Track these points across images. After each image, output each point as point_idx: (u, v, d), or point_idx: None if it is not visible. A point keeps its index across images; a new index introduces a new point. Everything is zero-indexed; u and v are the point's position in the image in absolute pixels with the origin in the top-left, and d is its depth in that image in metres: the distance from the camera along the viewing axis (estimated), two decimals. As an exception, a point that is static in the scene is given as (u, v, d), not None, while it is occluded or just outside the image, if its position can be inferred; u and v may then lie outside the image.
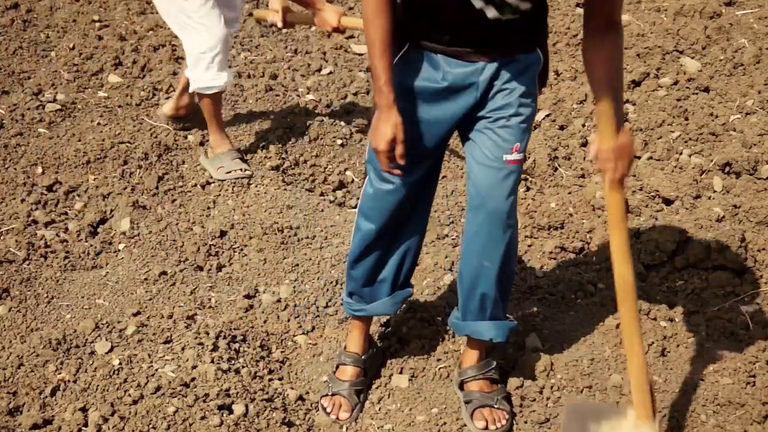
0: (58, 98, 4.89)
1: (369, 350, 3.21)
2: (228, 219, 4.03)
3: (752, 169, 4.03)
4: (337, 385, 3.13)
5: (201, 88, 4.21)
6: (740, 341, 3.26)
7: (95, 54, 5.31)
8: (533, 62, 2.66)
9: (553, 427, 2.99)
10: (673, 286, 3.55)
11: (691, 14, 5.49)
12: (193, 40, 4.10)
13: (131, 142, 4.52)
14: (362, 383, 3.16)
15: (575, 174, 4.26)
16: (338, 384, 3.13)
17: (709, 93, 4.74)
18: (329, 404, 3.10)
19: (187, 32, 4.11)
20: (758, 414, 2.92)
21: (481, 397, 3.01)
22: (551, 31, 5.50)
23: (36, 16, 5.74)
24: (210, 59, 4.12)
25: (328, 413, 3.08)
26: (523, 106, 2.67)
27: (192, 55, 4.14)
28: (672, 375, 3.13)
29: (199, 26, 4.06)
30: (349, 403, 3.10)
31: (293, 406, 3.11)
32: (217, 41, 4.09)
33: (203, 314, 3.48)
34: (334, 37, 5.64)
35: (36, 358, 3.18)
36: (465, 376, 3.07)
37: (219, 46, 4.10)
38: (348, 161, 4.51)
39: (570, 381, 3.13)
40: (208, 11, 4.06)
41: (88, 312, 3.51)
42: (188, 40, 4.13)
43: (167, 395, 2.99)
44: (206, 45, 4.09)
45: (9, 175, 4.26)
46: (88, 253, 3.83)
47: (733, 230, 3.62)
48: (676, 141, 4.34)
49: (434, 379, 3.21)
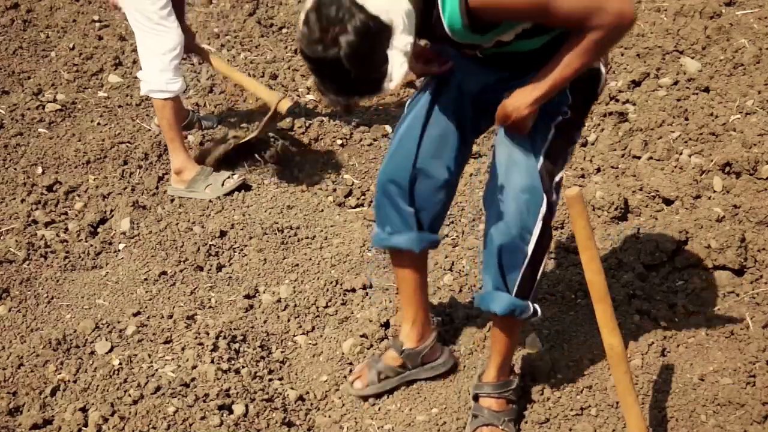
0: (58, 98, 4.89)
1: (418, 345, 3.13)
2: (228, 219, 4.03)
3: (752, 169, 4.03)
4: (375, 360, 3.16)
5: (153, 90, 4.07)
6: (740, 341, 3.26)
7: (95, 54, 5.32)
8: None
9: (553, 427, 2.99)
10: (673, 286, 3.55)
11: (691, 14, 5.49)
12: (153, 41, 3.99)
13: (131, 142, 4.52)
14: (393, 372, 3.14)
15: (575, 174, 4.26)
16: (376, 359, 3.16)
17: (709, 93, 4.74)
18: (356, 370, 3.16)
19: (146, 34, 3.99)
20: (758, 414, 2.92)
21: (489, 416, 2.95)
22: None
23: (36, 16, 5.74)
24: (168, 61, 4.02)
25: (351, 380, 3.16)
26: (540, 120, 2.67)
27: (148, 57, 4.03)
28: (672, 375, 3.13)
29: (159, 27, 3.97)
30: (367, 379, 3.12)
31: (293, 406, 3.11)
32: (176, 44, 4.02)
33: (203, 314, 3.48)
34: (334, 37, 5.64)
35: (36, 358, 3.18)
36: (480, 390, 3.00)
37: (178, 48, 4.03)
38: (348, 161, 4.51)
39: (570, 381, 3.13)
40: (167, 14, 3.98)
41: (88, 312, 3.51)
42: (147, 42, 4.00)
43: (167, 395, 2.99)
44: (165, 46, 4.00)
45: (9, 175, 4.26)
46: (88, 253, 3.83)
47: (733, 230, 3.62)
48: (676, 141, 4.34)
49: (434, 379, 3.21)
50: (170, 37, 4.00)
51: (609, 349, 2.48)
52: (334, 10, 2.09)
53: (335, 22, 2.09)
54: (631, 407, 2.56)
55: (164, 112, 4.11)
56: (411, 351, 3.13)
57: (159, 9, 3.94)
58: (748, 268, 3.56)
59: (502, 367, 2.97)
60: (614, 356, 2.49)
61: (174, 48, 4.01)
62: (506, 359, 2.97)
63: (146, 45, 4.04)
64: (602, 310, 2.44)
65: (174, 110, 4.13)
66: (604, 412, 3.01)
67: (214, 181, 4.20)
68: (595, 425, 2.96)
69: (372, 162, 4.50)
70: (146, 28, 3.98)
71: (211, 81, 5.09)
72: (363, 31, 2.09)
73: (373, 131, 4.71)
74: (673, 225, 3.75)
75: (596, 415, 3.01)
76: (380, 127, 4.74)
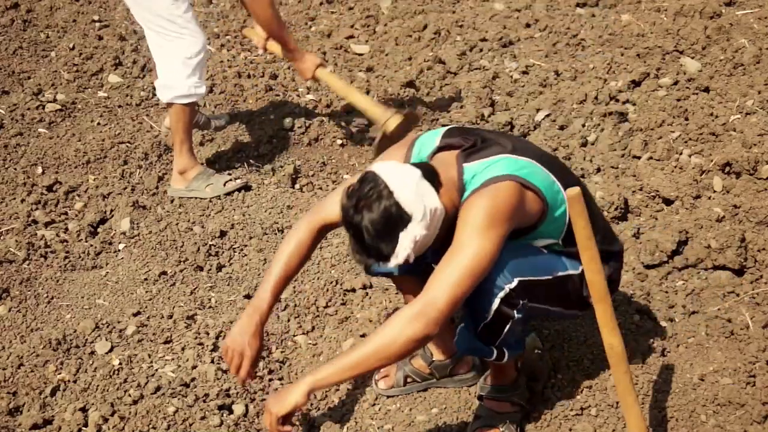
0: (58, 98, 4.89)
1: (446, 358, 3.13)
2: (228, 219, 4.03)
3: (752, 169, 4.03)
4: (405, 362, 3.15)
5: (179, 96, 4.02)
6: (740, 341, 3.25)
7: (95, 54, 5.31)
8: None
9: (553, 427, 2.99)
10: (673, 286, 3.55)
11: (691, 14, 5.49)
12: (177, 44, 3.95)
13: (131, 142, 4.52)
14: (420, 377, 3.14)
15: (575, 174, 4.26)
16: (405, 362, 3.15)
17: (709, 93, 4.74)
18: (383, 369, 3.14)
19: (170, 38, 3.94)
20: (758, 414, 2.92)
21: (489, 417, 2.95)
22: (551, 31, 5.51)
23: (36, 16, 5.74)
24: (194, 65, 3.98)
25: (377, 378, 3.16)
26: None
27: (170, 63, 3.98)
28: (672, 375, 3.13)
29: (184, 30, 3.93)
30: (393, 380, 3.13)
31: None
32: (202, 47, 3.99)
33: (203, 314, 3.48)
34: (334, 37, 5.65)
35: (36, 358, 3.18)
36: (484, 391, 2.99)
37: (203, 52, 4.00)
38: (348, 161, 4.51)
39: (570, 381, 3.13)
40: (192, 17, 3.95)
41: (88, 312, 3.51)
42: (169, 47, 3.96)
43: (167, 395, 2.99)
44: (192, 50, 3.96)
45: (9, 175, 4.26)
46: (88, 253, 3.83)
47: (733, 230, 3.62)
48: (676, 141, 4.34)
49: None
50: (195, 41, 3.96)
51: (609, 349, 2.48)
52: (370, 188, 2.46)
53: (366, 198, 2.45)
54: (631, 407, 2.56)
55: (182, 115, 4.08)
56: (440, 363, 3.14)
57: (183, 13, 3.90)
58: (748, 268, 3.56)
59: (503, 373, 2.96)
60: (614, 356, 2.49)
61: (200, 51, 3.98)
62: (505, 371, 2.96)
63: (168, 50, 3.97)
64: (602, 310, 2.44)
65: (192, 114, 4.13)
66: (604, 412, 3.01)
67: (216, 181, 4.20)
68: (595, 425, 2.96)
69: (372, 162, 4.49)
70: (169, 33, 3.92)
71: (211, 81, 5.09)
72: (384, 214, 2.44)
73: (373, 131, 4.71)
74: (673, 225, 3.75)
75: (596, 415, 3.01)
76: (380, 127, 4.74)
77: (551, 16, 5.68)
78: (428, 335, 2.47)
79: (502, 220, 2.51)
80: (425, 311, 2.45)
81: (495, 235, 2.49)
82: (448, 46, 5.43)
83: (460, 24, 5.66)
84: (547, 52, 5.26)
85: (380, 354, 2.50)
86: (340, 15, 5.97)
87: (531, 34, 5.53)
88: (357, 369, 2.53)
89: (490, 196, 2.52)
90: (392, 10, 5.92)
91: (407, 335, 2.46)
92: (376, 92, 4.99)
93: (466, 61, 5.23)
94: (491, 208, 2.50)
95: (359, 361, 2.52)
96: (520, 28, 5.60)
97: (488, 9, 5.86)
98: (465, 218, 2.52)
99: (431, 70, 5.14)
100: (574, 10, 5.77)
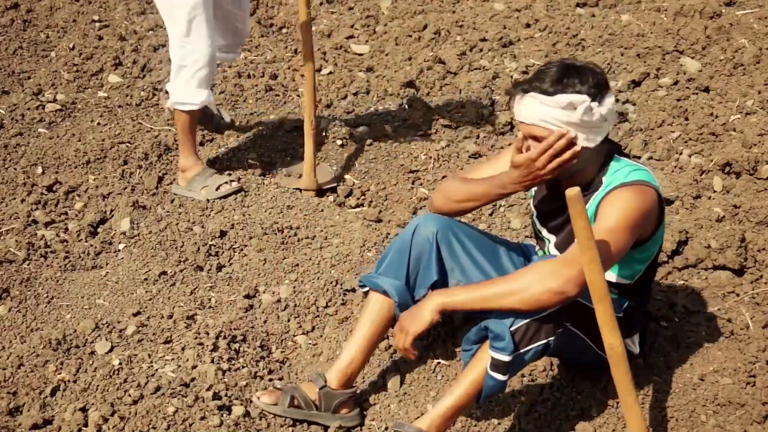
0: (58, 98, 4.89)
1: (341, 389, 3.01)
2: (228, 219, 4.03)
3: (752, 169, 4.03)
4: (294, 386, 3.05)
5: (176, 103, 4.05)
6: (740, 341, 3.26)
7: (95, 54, 5.31)
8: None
9: (553, 427, 2.99)
10: (673, 286, 3.55)
11: (691, 14, 5.50)
12: (177, 51, 3.96)
13: (131, 142, 4.52)
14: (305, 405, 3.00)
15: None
16: (294, 386, 3.05)
17: (709, 93, 4.74)
18: (270, 388, 3.10)
19: (177, 46, 3.95)
20: (758, 414, 2.92)
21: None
22: (551, 31, 5.51)
23: (36, 16, 5.74)
24: (191, 73, 3.98)
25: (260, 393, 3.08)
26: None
27: (175, 68, 4.00)
28: (672, 375, 3.13)
29: (187, 39, 3.92)
30: (278, 397, 3.00)
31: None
32: (201, 56, 3.95)
33: (203, 314, 3.48)
34: (334, 37, 5.65)
35: (36, 358, 3.18)
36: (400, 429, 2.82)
37: (203, 61, 3.96)
38: (348, 161, 4.51)
39: (570, 381, 3.13)
40: (199, 24, 3.91)
41: (88, 312, 3.51)
42: (177, 52, 3.96)
43: (167, 395, 2.99)
44: (189, 58, 3.96)
45: (9, 175, 4.26)
46: (88, 253, 3.83)
47: (733, 230, 3.62)
48: (676, 141, 4.34)
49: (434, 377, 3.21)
50: (196, 49, 3.94)
51: (609, 349, 2.48)
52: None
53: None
54: (631, 407, 2.56)
55: (182, 119, 4.12)
56: (329, 392, 3.00)
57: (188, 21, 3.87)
58: (748, 268, 3.56)
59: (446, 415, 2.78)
60: (614, 356, 2.49)
61: (197, 61, 3.95)
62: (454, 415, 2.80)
63: (179, 56, 3.98)
64: (602, 310, 2.44)
65: (193, 119, 4.14)
66: (604, 412, 3.01)
67: (212, 183, 4.19)
68: (595, 425, 2.96)
69: (372, 162, 4.50)
70: (177, 39, 3.94)
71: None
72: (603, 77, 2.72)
73: (373, 131, 4.71)
74: (673, 225, 3.75)
75: (596, 415, 3.01)
76: (380, 127, 4.74)
77: (551, 16, 5.68)
78: (564, 292, 2.54)
79: (642, 223, 2.68)
80: (567, 268, 2.53)
81: (634, 235, 2.65)
82: (448, 46, 5.43)
83: (460, 24, 5.66)
84: (547, 52, 5.26)
85: (515, 295, 2.55)
86: (340, 15, 5.97)
87: (531, 34, 5.53)
88: (486, 302, 2.58)
89: (640, 196, 2.66)
90: (392, 10, 5.93)
91: (545, 285, 2.54)
92: (376, 92, 4.99)
93: (466, 61, 5.23)
94: (639, 210, 2.65)
95: (491, 296, 2.57)
96: (520, 28, 5.60)
97: (488, 9, 5.86)
98: (619, 206, 2.63)
99: (431, 70, 5.14)
100: (574, 10, 5.77)
